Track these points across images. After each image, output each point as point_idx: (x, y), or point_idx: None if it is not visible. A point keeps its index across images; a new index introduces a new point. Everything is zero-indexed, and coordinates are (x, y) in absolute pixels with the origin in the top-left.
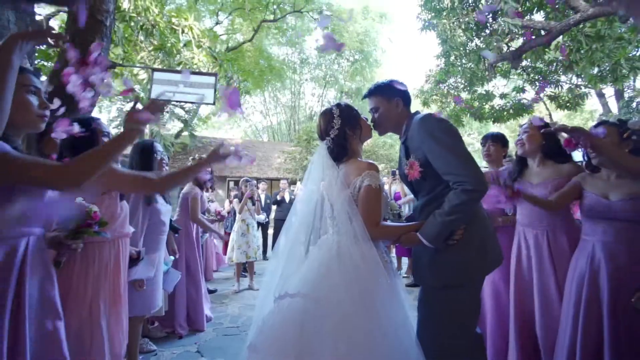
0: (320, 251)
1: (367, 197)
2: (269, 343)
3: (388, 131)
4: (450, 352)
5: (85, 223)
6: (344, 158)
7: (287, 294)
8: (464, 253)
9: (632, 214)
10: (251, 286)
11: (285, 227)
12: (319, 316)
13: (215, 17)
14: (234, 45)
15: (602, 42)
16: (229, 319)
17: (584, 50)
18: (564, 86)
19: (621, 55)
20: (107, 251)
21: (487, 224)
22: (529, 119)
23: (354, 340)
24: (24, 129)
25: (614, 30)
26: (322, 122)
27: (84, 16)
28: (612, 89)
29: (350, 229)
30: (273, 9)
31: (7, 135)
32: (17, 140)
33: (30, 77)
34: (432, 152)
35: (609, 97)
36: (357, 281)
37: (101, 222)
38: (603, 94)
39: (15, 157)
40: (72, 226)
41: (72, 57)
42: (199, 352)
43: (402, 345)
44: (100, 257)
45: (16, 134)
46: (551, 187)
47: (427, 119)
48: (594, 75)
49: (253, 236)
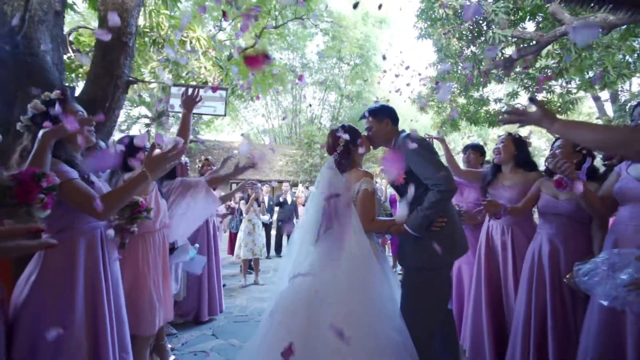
0: (326, 241)
1: (364, 197)
2: (284, 310)
3: (380, 145)
4: (425, 323)
5: (136, 210)
6: (348, 168)
7: (299, 274)
8: (437, 242)
9: (574, 212)
10: (257, 281)
11: (299, 223)
12: (323, 290)
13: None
14: None
15: (590, 50)
16: (238, 309)
17: (573, 57)
18: (556, 91)
19: (609, 63)
20: (158, 238)
21: (456, 220)
22: (505, 132)
23: (350, 308)
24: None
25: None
26: (330, 139)
27: (109, 37)
28: (608, 92)
29: (349, 224)
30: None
31: (72, 157)
32: (77, 156)
33: (76, 106)
34: (415, 163)
35: (604, 100)
36: (354, 264)
37: (147, 209)
38: (599, 97)
39: (76, 186)
40: (127, 214)
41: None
42: (214, 335)
43: (388, 313)
44: (154, 244)
45: (76, 150)
46: (519, 190)
47: (410, 137)
48: (584, 81)
49: (258, 235)
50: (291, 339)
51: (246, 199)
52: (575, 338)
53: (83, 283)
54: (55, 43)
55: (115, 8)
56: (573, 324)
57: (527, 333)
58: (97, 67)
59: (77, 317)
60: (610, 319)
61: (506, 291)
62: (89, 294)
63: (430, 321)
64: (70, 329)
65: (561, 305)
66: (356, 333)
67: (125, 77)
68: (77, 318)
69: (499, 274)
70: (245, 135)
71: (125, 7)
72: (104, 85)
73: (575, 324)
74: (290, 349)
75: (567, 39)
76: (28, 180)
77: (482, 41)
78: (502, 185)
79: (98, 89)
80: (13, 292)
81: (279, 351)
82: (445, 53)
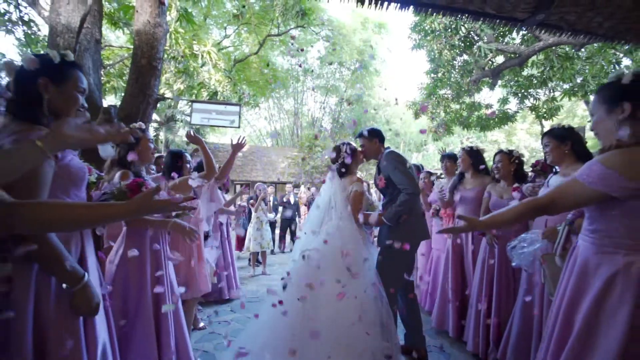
0: (328, 228)
1: (354, 196)
2: (297, 274)
3: (371, 159)
4: (392, 280)
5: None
6: (346, 175)
7: (308, 249)
8: (403, 228)
9: None
10: (264, 272)
11: (309, 216)
12: (326, 261)
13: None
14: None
15: (571, 62)
16: (250, 293)
17: (556, 68)
18: (541, 99)
19: (589, 73)
20: (198, 229)
21: (420, 213)
22: (461, 148)
23: (345, 272)
24: (145, 163)
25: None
26: (333, 152)
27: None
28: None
29: (345, 216)
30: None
31: (138, 172)
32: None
33: (120, 124)
34: (392, 173)
35: None
36: (347, 243)
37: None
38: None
39: None
40: (175, 213)
41: None
42: (232, 310)
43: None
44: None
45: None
46: (477, 190)
47: (390, 153)
48: (566, 89)
49: (266, 230)
50: (302, 292)
51: (255, 199)
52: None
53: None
54: (95, 67)
55: (148, 38)
56: (513, 294)
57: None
58: (132, 87)
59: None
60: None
61: (469, 270)
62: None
63: (395, 280)
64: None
65: (506, 281)
66: (349, 282)
67: (155, 96)
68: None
69: (462, 258)
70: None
71: (156, 36)
72: (138, 103)
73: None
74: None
75: (551, 51)
76: (135, 187)
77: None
78: (465, 188)
79: (133, 106)
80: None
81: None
82: (438, 63)
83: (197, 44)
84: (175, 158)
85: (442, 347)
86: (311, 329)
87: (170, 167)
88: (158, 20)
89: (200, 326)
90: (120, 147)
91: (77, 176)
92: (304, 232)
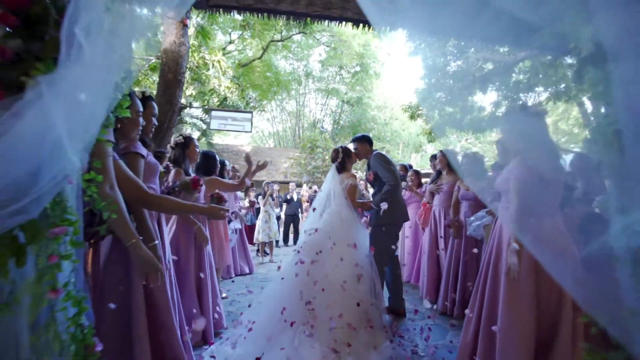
0: (329, 213)
1: (349, 188)
2: (304, 247)
3: (363, 159)
4: (380, 258)
5: (222, 198)
6: (343, 172)
7: (312, 229)
8: (387, 213)
9: (475, 198)
10: (271, 260)
11: (309, 217)
12: (328, 238)
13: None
14: (245, 62)
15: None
16: (261, 275)
17: (541, 74)
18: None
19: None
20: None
21: (400, 201)
22: (439, 151)
23: (343, 248)
24: (193, 162)
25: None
26: (333, 154)
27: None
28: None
29: (343, 203)
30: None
31: (187, 170)
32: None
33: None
34: (378, 169)
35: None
36: (344, 225)
37: (224, 201)
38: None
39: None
40: (214, 202)
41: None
42: (246, 287)
43: (365, 252)
44: (225, 222)
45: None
46: (450, 185)
47: (377, 154)
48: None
49: (273, 223)
50: (313, 258)
51: (263, 195)
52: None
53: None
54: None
55: (174, 56)
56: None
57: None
58: (161, 98)
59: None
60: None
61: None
62: None
63: (382, 255)
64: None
65: (471, 254)
66: (347, 253)
67: (179, 105)
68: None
69: (437, 239)
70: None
71: (180, 54)
72: (165, 111)
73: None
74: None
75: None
76: (196, 181)
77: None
78: (442, 183)
79: (161, 114)
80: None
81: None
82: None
83: (209, 54)
84: (208, 159)
85: (417, 308)
86: (319, 284)
87: (206, 167)
88: (182, 40)
89: (223, 296)
90: (174, 150)
91: (155, 169)
92: (311, 212)
